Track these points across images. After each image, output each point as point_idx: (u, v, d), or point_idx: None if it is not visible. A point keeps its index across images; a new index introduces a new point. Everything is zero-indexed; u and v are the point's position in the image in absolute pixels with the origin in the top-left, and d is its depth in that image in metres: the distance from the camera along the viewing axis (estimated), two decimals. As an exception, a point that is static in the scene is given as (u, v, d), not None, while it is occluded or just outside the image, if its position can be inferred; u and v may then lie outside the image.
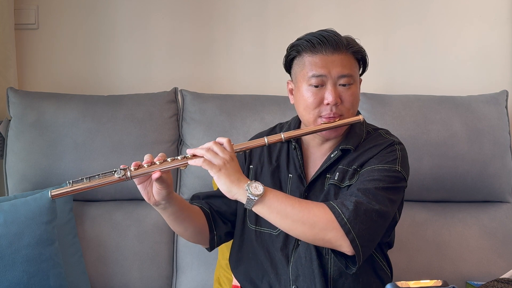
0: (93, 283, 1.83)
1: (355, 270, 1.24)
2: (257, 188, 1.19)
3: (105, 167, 1.91)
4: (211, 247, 1.46)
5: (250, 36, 2.26)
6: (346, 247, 1.20)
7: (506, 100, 2.01)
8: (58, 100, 1.98)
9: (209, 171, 1.19)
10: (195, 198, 1.49)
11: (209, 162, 1.19)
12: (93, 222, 1.90)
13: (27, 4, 2.23)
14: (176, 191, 1.99)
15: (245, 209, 1.42)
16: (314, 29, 1.42)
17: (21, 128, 1.93)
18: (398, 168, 1.30)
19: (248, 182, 1.19)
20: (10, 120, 1.97)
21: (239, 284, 1.50)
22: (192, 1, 2.25)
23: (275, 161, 1.43)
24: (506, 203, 1.97)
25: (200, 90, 2.09)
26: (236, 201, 1.45)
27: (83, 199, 1.96)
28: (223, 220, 1.46)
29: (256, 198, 1.18)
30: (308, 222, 1.19)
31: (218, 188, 1.46)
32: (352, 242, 1.18)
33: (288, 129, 1.44)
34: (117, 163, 1.91)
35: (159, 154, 1.23)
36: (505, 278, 1.23)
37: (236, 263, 1.47)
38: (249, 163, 1.48)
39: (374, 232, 1.23)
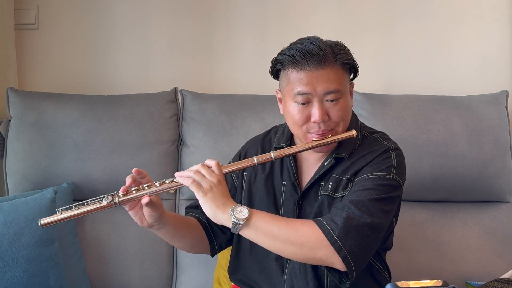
0: (93, 283, 1.83)
1: (349, 284, 1.21)
2: (242, 212, 1.16)
3: (105, 167, 1.92)
4: (212, 254, 1.46)
5: (250, 36, 2.26)
6: (338, 265, 1.17)
7: (506, 100, 2.01)
8: (58, 100, 1.98)
9: (195, 193, 1.18)
10: (192, 208, 1.48)
11: (197, 184, 1.18)
12: (93, 222, 1.90)
13: (27, 4, 2.23)
14: (175, 194, 2.00)
15: None
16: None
17: (21, 128, 1.93)
18: (392, 176, 1.26)
19: (233, 206, 1.17)
20: (10, 120, 1.97)
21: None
22: (192, 1, 2.25)
23: (268, 168, 1.41)
24: (506, 203, 1.97)
25: (200, 90, 2.09)
26: None
27: (83, 199, 1.94)
28: (222, 230, 1.44)
29: (241, 222, 1.16)
30: (297, 242, 1.16)
31: None
32: (344, 259, 1.16)
33: (282, 134, 1.43)
34: (117, 163, 1.92)
35: (134, 170, 1.24)
36: (505, 278, 1.23)
37: (233, 270, 1.46)
38: (243, 169, 1.43)
39: (367, 246, 1.19)
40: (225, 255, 1.78)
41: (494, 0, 2.21)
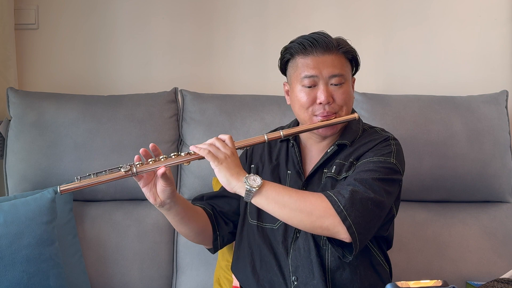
0: (93, 283, 1.83)
1: (351, 258, 1.27)
2: (255, 180, 1.23)
3: (105, 167, 1.89)
4: (214, 249, 1.50)
5: (250, 36, 2.26)
6: (343, 234, 1.22)
7: (506, 100, 2.01)
8: (58, 100, 1.98)
9: (211, 163, 1.24)
10: (197, 200, 1.54)
11: (212, 155, 1.24)
12: (93, 222, 1.90)
13: (27, 4, 2.23)
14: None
15: (246, 205, 1.47)
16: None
17: (21, 128, 1.93)
18: (393, 160, 1.34)
19: (247, 175, 1.24)
20: (10, 120, 1.97)
21: (239, 285, 1.50)
22: (192, 1, 2.25)
23: (275, 160, 1.48)
24: (506, 203, 1.97)
25: (200, 90, 2.09)
26: (238, 200, 1.49)
27: (83, 199, 1.95)
28: (225, 221, 1.50)
29: (254, 189, 1.22)
30: (306, 210, 1.22)
31: (219, 188, 1.50)
32: (348, 228, 1.21)
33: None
34: (117, 163, 1.90)
35: (151, 145, 1.28)
36: (505, 278, 1.23)
37: (236, 261, 1.49)
38: (250, 162, 1.52)
39: (370, 220, 1.25)
40: (225, 256, 1.78)
41: (494, 0, 2.21)
